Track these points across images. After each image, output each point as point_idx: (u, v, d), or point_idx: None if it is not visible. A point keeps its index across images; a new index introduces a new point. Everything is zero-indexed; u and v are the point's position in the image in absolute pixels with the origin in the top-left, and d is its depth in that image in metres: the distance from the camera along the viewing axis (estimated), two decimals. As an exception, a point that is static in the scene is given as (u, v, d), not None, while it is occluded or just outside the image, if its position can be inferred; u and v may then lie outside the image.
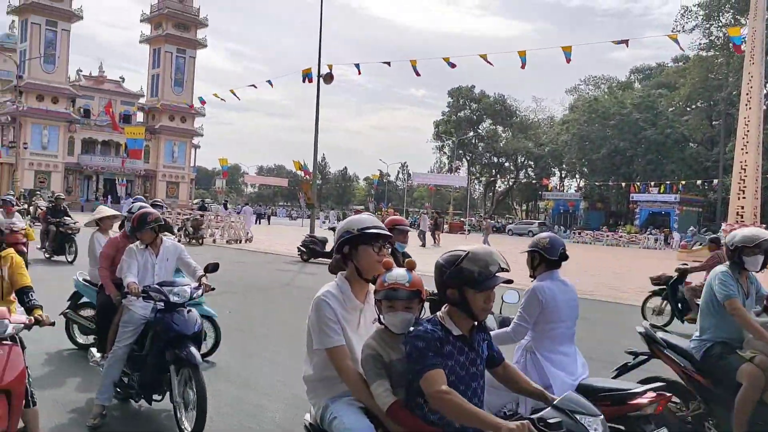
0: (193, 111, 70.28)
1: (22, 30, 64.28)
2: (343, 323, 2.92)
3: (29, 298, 4.24)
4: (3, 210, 13.71)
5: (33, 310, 4.11)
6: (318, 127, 24.79)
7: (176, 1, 70.17)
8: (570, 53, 19.36)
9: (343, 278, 3.04)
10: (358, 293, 3.04)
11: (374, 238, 3.00)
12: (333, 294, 2.96)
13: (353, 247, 3.00)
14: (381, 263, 2.97)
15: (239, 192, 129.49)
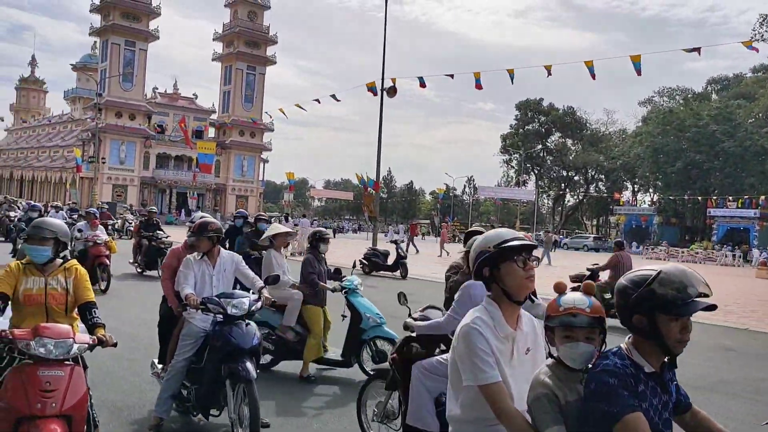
0: (262, 126, 71.92)
1: (103, 50, 67.44)
2: (497, 355, 2.52)
3: (92, 315, 4.01)
4: (87, 222, 13.82)
5: (96, 329, 3.89)
6: (381, 139, 24.77)
7: (247, 20, 72.10)
8: (639, 63, 18.56)
9: (491, 302, 2.64)
10: (509, 318, 2.62)
11: (516, 252, 2.59)
12: (484, 321, 2.55)
13: (494, 268, 2.62)
14: (530, 280, 2.61)
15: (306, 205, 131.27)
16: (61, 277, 4.07)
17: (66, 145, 70.32)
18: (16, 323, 3.94)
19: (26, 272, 4.00)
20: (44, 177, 73.04)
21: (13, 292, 3.92)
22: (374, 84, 24.35)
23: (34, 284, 3.99)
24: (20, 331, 3.54)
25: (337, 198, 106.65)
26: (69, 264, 4.17)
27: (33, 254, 4.01)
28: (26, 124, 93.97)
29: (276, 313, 7.14)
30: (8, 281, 3.92)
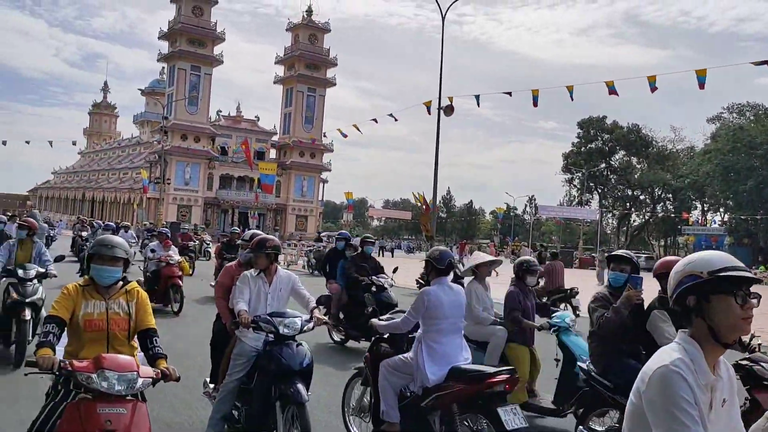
0: (321, 147, 72.82)
1: (170, 75, 69.85)
2: (700, 405, 2.05)
3: (153, 344, 3.69)
4: (160, 242, 13.59)
5: (158, 360, 3.60)
6: (438, 158, 24.56)
7: (308, 43, 73.44)
8: (704, 78, 17.87)
9: (691, 341, 2.15)
10: (710, 363, 2.14)
11: (736, 285, 2.11)
12: (686, 364, 2.07)
13: (702, 298, 2.14)
14: (748, 321, 2.13)
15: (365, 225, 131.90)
16: (122, 301, 3.74)
17: (134, 167, 72.81)
18: (73, 351, 3.61)
19: (86, 295, 3.66)
20: (114, 198, 75.75)
21: (71, 317, 3.58)
22: (431, 103, 24.25)
23: (95, 308, 3.65)
24: (80, 363, 3.26)
25: (395, 218, 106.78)
26: (130, 286, 3.83)
27: (103, 275, 3.68)
28: (98, 147, 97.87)
29: (477, 351, 6.22)
30: (66, 305, 3.59)
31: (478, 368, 4.77)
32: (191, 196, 66.65)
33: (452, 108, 24.46)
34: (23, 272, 7.90)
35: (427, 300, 4.86)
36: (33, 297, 7.81)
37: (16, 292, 7.76)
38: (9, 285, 7.85)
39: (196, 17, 66.94)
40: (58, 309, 3.54)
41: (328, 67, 75.08)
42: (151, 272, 12.90)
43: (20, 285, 7.82)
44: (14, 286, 7.80)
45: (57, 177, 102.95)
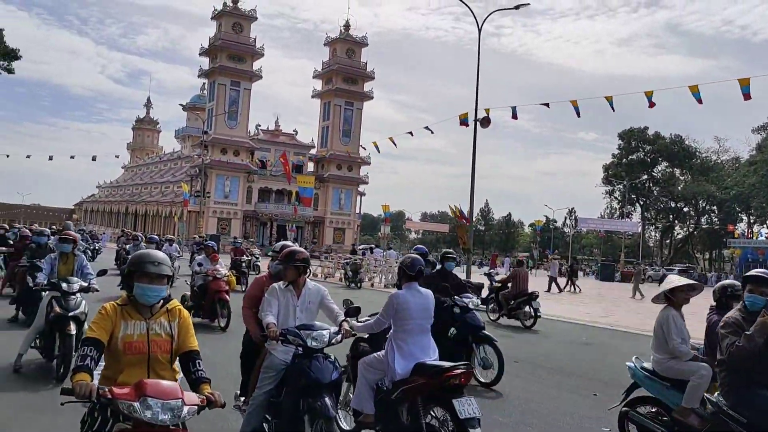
0: (359, 160, 73.16)
1: (210, 91, 71.14)
2: None
3: (196, 367, 3.42)
4: (207, 256, 13.08)
5: (202, 385, 3.33)
6: (474, 170, 24.37)
7: (345, 58, 74.05)
8: (748, 87, 17.41)
9: None
10: None
11: None
12: None
13: None
14: None
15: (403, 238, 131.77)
16: (164, 321, 3.45)
17: (175, 181, 74.14)
18: (111, 375, 3.35)
19: (125, 315, 3.38)
20: (156, 211, 77.23)
21: (110, 339, 3.31)
22: (467, 115, 24.13)
23: (135, 329, 3.37)
24: (121, 390, 3.01)
25: (433, 230, 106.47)
26: (171, 305, 3.54)
27: (149, 294, 3.39)
28: (140, 161, 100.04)
29: (671, 389, 5.54)
30: (104, 325, 3.31)
31: (437, 364, 5.16)
32: (231, 209, 67.57)
33: (489, 120, 24.31)
34: (66, 286, 7.82)
35: (396, 303, 5.35)
36: (76, 311, 7.71)
37: (60, 305, 7.66)
38: (52, 298, 7.77)
39: (236, 33, 68.14)
40: (95, 330, 3.27)
41: (366, 80, 75.55)
42: (197, 286, 12.58)
43: (63, 298, 7.73)
44: (57, 300, 7.72)
45: (101, 191, 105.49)
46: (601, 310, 22.08)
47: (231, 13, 68.16)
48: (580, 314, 19.67)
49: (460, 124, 24.37)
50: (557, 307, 21.14)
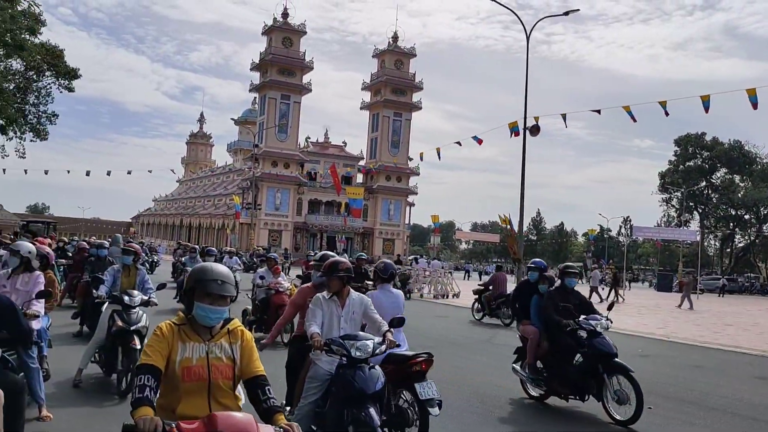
0: (408, 171, 73.21)
1: (261, 105, 72.42)
2: None
3: (267, 395, 3.00)
4: (269, 268, 12.52)
5: (276, 416, 2.90)
6: (524, 179, 24.04)
7: (394, 69, 74.37)
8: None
9: None
10: None
11: None
12: None
13: None
14: None
15: (453, 248, 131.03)
16: (225, 343, 3.09)
17: (227, 194, 75.53)
18: (167, 405, 3.00)
19: (182, 336, 3.03)
20: (209, 223, 78.79)
21: (166, 364, 2.97)
22: (516, 124, 23.82)
23: (194, 353, 3.01)
24: (189, 425, 2.67)
25: (483, 241, 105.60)
26: (233, 325, 3.17)
27: (210, 316, 3.03)
28: (194, 175, 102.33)
29: None
30: (160, 349, 2.96)
31: (404, 354, 5.86)
32: (281, 220, 68.42)
33: (538, 128, 23.96)
34: (128, 299, 7.71)
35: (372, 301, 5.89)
36: (138, 325, 7.60)
37: (122, 319, 7.55)
38: (114, 312, 7.69)
39: (286, 48, 69.22)
40: (151, 355, 2.92)
41: (414, 91, 75.67)
42: (259, 300, 12.14)
43: (125, 312, 7.64)
44: (119, 314, 7.62)
45: (157, 204, 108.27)
46: (657, 320, 21.43)
47: (281, 28, 69.32)
48: (634, 325, 19.14)
49: (511, 135, 24.08)
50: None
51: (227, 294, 3.03)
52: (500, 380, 9.24)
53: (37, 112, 39.69)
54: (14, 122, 37.29)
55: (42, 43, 38.76)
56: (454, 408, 7.32)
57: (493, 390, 8.69)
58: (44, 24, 38.80)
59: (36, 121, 39.44)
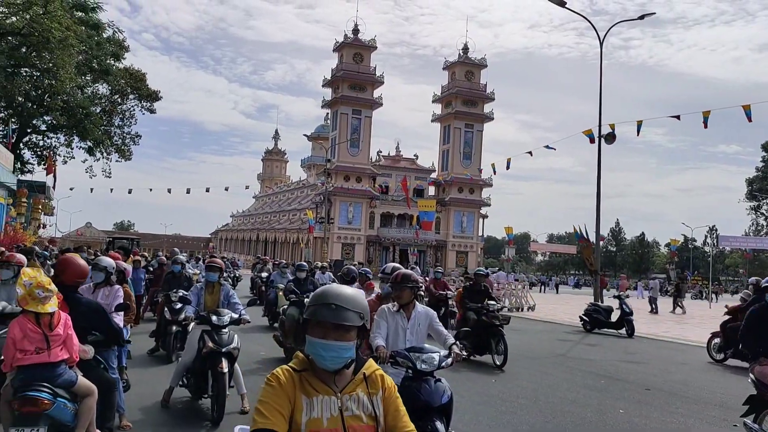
0: (480, 182, 72.55)
1: (333, 120, 73.55)
2: None
3: None
4: (362, 285, 11.03)
5: None
6: (600, 188, 23.34)
7: (465, 80, 74.10)
8: None
9: None
10: None
11: None
12: None
13: None
14: None
15: (528, 260, 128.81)
16: (362, 395, 2.34)
17: (301, 208, 76.88)
18: None
19: (306, 387, 2.30)
20: (284, 238, 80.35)
21: (289, 425, 2.25)
22: (591, 131, 23.22)
23: (323, 409, 2.27)
24: None
25: (560, 252, 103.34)
26: (369, 368, 2.42)
27: (323, 354, 2.27)
28: (269, 191, 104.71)
29: None
30: (280, 407, 2.24)
31: None
32: (354, 234, 69.04)
33: (614, 136, 23.26)
34: (216, 318, 7.19)
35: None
36: (229, 346, 7.04)
37: (212, 340, 7.02)
38: (203, 333, 7.17)
39: (357, 64, 70.13)
40: (269, 417, 2.19)
41: (485, 102, 75.12)
42: None
43: (215, 333, 7.11)
44: (209, 334, 7.10)
45: (235, 220, 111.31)
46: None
47: (352, 44, 70.32)
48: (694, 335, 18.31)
49: (590, 142, 23.48)
50: (675, 328, 19.70)
51: (347, 323, 2.23)
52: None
53: (121, 133, 41.66)
54: (101, 144, 39.22)
55: (126, 67, 40.68)
56: None
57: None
58: (128, 50, 40.73)
59: (121, 142, 41.38)
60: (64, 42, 29.35)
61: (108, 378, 5.47)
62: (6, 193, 26.09)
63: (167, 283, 11.53)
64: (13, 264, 6.94)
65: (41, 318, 4.60)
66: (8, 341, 4.60)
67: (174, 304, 10.53)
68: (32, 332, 4.56)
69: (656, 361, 13.28)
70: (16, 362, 4.55)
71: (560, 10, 23.60)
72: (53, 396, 4.51)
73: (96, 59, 37.05)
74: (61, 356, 4.65)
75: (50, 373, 4.57)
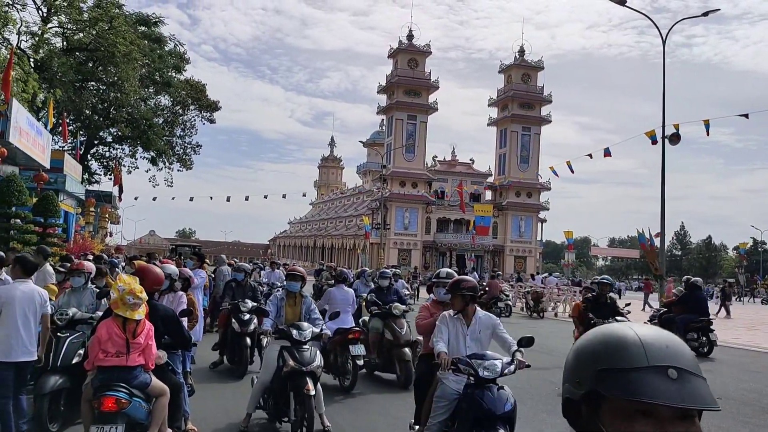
0: (538, 186, 71.51)
1: (388, 126, 73.75)
2: None
3: None
4: None
5: None
6: (664, 191, 22.60)
7: (521, 83, 73.23)
8: None
9: None
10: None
11: None
12: None
13: None
14: None
15: (589, 265, 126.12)
16: None
17: (358, 215, 77.26)
18: None
19: None
20: (340, 244, 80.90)
21: None
22: (654, 132, 22.54)
23: None
24: None
25: (622, 257, 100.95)
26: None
27: None
28: (326, 197, 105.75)
29: None
30: None
31: (344, 328, 9.28)
32: (410, 240, 68.92)
33: (678, 136, 22.54)
34: (297, 333, 6.68)
35: (329, 295, 10.00)
36: (312, 365, 6.51)
37: (293, 358, 6.47)
38: (283, 349, 6.65)
39: (412, 69, 70.15)
40: None
41: (543, 104, 74.03)
42: None
43: (295, 349, 6.58)
44: (289, 351, 6.56)
45: (292, 226, 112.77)
46: None
47: (406, 50, 70.41)
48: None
49: (653, 143, 22.82)
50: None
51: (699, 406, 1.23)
52: None
53: (183, 143, 42.83)
54: (163, 154, 40.41)
55: (186, 79, 41.82)
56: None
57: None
58: (188, 62, 41.89)
59: (182, 151, 42.54)
60: (129, 56, 30.41)
61: (175, 381, 5.70)
62: (75, 203, 27.13)
63: (230, 291, 10.91)
64: (84, 272, 7.17)
65: (127, 324, 4.89)
66: (94, 340, 4.93)
67: (242, 315, 9.99)
68: (117, 336, 4.86)
69: (727, 369, 12.76)
70: (97, 362, 4.87)
71: (620, 9, 23.07)
72: (130, 396, 4.80)
73: (158, 72, 38.25)
74: (138, 362, 4.93)
75: (127, 375, 4.86)
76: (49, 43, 31.41)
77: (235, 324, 9.99)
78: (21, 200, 15.64)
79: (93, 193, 33.76)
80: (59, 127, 28.50)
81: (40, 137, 18.40)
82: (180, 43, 41.36)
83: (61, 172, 22.57)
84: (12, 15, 25.11)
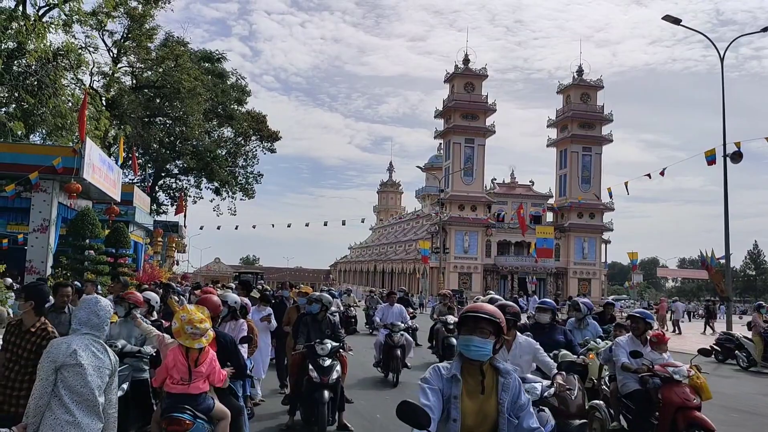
0: (601, 206, 70.14)
1: (446, 150, 73.93)
2: None
3: None
4: None
5: None
6: (727, 209, 22.03)
7: (580, 102, 72.39)
8: None
9: None
10: None
11: None
12: None
13: None
14: None
15: (657, 286, 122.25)
16: None
17: (417, 239, 77.38)
18: None
19: None
20: (400, 268, 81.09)
21: None
22: (714, 152, 22.04)
23: None
24: None
25: (692, 278, 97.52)
26: None
27: None
28: (385, 222, 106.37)
29: None
30: None
31: None
32: (470, 263, 68.55)
33: (740, 155, 21.97)
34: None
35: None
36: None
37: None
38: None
39: (468, 93, 70.37)
40: None
41: (603, 123, 72.90)
42: None
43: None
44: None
45: (352, 251, 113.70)
46: None
47: (462, 74, 70.71)
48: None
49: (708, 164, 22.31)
50: None
51: None
52: None
53: (245, 173, 44.16)
54: (227, 184, 41.75)
55: (248, 111, 43.24)
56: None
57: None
58: (249, 94, 43.30)
59: (245, 181, 43.83)
60: (193, 91, 31.76)
61: (236, 404, 5.97)
62: (144, 233, 28.32)
63: (304, 327, 8.25)
64: (126, 302, 6.85)
65: (190, 352, 5.17)
66: (163, 364, 5.31)
67: (321, 360, 7.67)
68: (180, 364, 5.17)
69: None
70: (166, 387, 5.23)
71: (684, 24, 22.81)
72: (194, 418, 5.13)
73: (221, 105, 39.70)
74: (202, 389, 5.23)
75: (192, 400, 5.19)
76: (119, 82, 33.14)
77: (313, 371, 7.64)
78: (94, 233, 16.58)
79: (161, 224, 35.14)
80: (129, 161, 29.95)
81: (111, 172, 19.40)
82: (241, 76, 42.86)
83: (131, 205, 23.61)
84: (85, 57, 26.65)
